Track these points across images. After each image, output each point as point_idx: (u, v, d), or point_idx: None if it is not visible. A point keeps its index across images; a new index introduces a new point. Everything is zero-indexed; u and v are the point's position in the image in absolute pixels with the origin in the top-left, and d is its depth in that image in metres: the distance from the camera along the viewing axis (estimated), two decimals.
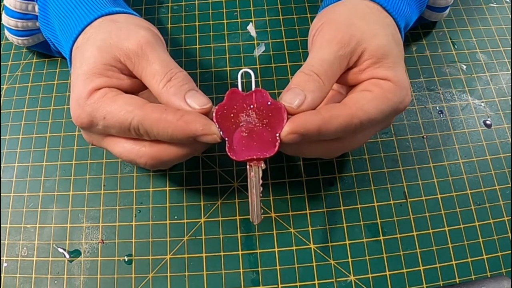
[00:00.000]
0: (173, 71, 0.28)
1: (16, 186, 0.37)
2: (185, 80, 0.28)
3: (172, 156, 0.28)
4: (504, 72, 0.42)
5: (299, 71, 0.28)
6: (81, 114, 0.27)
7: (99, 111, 0.27)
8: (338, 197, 0.36)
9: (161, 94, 0.27)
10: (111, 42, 0.28)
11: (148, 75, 0.28)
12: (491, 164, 0.37)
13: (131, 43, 0.28)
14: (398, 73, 0.28)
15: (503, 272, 0.33)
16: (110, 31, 0.29)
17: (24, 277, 0.34)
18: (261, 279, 0.33)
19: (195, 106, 0.27)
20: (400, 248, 0.34)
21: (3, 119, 0.40)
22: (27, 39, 0.38)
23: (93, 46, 0.28)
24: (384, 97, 0.27)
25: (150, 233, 0.35)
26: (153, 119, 0.26)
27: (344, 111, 0.26)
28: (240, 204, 0.36)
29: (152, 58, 0.28)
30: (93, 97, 0.27)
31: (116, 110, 0.26)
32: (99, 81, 0.27)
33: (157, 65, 0.27)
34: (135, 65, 0.28)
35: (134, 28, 0.29)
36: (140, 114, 0.26)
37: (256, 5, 0.45)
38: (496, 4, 0.46)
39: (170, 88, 0.27)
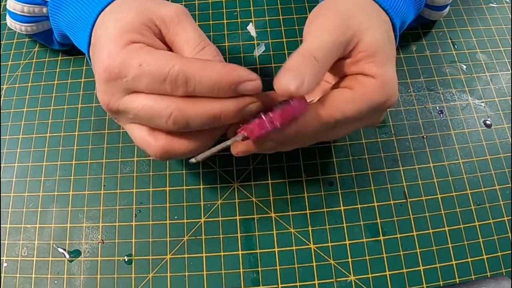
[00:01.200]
0: (207, 41, 0.28)
1: (16, 186, 0.37)
2: (217, 53, 0.28)
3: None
4: (504, 72, 0.42)
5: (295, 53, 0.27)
6: (112, 63, 0.26)
7: (134, 58, 0.25)
8: (338, 197, 0.36)
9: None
10: (148, 6, 0.28)
11: (182, 41, 0.28)
12: (491, 164, 0.37)
13: (168, 10, 0.28)
14: (387, 72, 0.28)
15: (503, 272, 0.33)
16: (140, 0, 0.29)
17: (24, 277, 0.34)
18: (261, 279, 0.33)
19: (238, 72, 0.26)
20: (400, 248, 0.34)
21: (3, 119, 0.40)
22: (31, 25, 0.37)
23: (129, 9, 0.28)
24: (365, 97, 0.27)
25: (150, 233, 0.35)
26: (197, 66, 0.25)
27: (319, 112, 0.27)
28: (240, 204, 0.36)
29: (187, 26, 0.28)
30: (129, 47, 0.26)
31: (155, 58, 0.25)
32: (135, 36, 0.27)
33: (191, 33, 0.28)
34: (170, 30, 0.28)
35: (164, 2, 0.29)
36: (183, 61, 0.25)
37: (256, 5, 0.45)
38: (496, 4, 0.46)
39: (204, 56, 0.27)
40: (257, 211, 0.35)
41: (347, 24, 0.28)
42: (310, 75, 0.26)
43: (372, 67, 0.28)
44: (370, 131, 0.38)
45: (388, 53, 0.29)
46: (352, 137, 0.38)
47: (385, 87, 0.28)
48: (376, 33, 0.28)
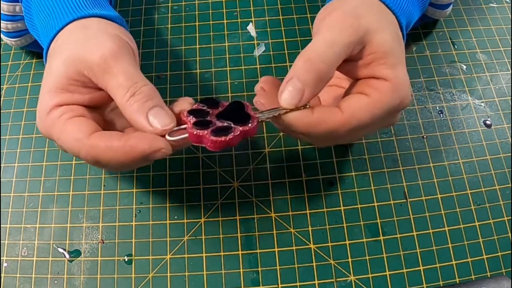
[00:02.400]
0: (138, 85, 0.27)
1: (16, 186, 0.37)
2: (149, 96, 0.27)
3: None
4: (504, 72, 0.42)
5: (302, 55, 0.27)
6: (41, 127, 0.28)
7: (53, 132, 0.27)
8: (338, 197, 0.36)
9: (125, 108, 0.27)
10: (76, 55, 0.27)
11: (112, 88, 0.27)
12: (491, 164, 0.37)
13: (95, 55, 0.27)
14: (399, 73, 0.28)
15: (503, 272, 0.33)
16: (78, 40, 0.28)
17: (24, 277, 0.34)
18: (261, 279, 0.33)
19: (157, 126, 0.26)
20: (400, 248, 0.34)
21: (3, 119, 0.40)
22: (20, 39, 0.38)
23: (59, 58, 0.28)
24: (380, 102, 0.27)
25: (150, 233, 0.35)
26: (100, 149, 0.26)
27: (335, 118, 0.27)
28: (240, 204, 0.36)
29: (116, 70, 0.27)
30: (51, 115, 0.27)
31: (66, 136, 0.26)
32: (60, 97, 0.27)
33: (120, 78, 0.27)
34: (99, 78, 0.27)
35: (102, 38, 0.28)
36: (87, 143, 0.26)
37: (256, 5, 0.45)
38: (496, 4, 0.46)
39: (134, 103, 0.26)
40: (257, 211, 0.35)
41: (358, 24, 0.27)
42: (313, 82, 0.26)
43: (384, 69, 0.27)
44: None
45: (399, 53, 0.28)
46: None
47: (399, 89, 0.27)
48: (385, 33, 0.28)
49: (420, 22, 0.41)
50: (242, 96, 0.40)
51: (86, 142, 0.26)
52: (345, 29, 0.27)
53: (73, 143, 0.26)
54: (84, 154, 0.26)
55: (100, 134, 0.26)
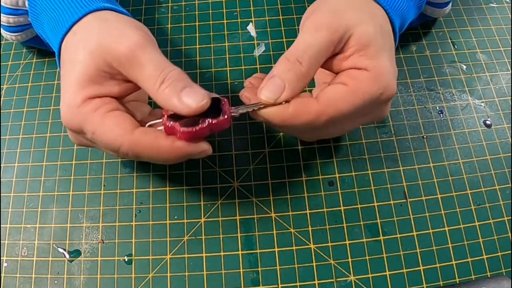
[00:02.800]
0: (166, 71, 0.27)
1: (16, 186, 0.37)
2: (179, 78, 0.27)
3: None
4: (504, 72, 0.42)
5: (283, 56, 0.28)
6: (72, 120, 0.28)
7: (88, 124, 0.27)
8: (338, 197, 0.36)
9: (157, 96, 0.27)
10: (103, 46, 0.27)
11: (142, 79, 0.27)
12: (491, 164, 0.37)
13: (123, 46, 0.27)
14: (380, 63, 0.28)
15: (503, 272, 0.33)
16: (101, 32, 0.28)
17: (24, 277, 0.34)
18: (261, 279, 0.33)
19: (191, 104, 0.26)
20: (400, 248, 0.34)
21: (3, 119, 0.40)
22: (20, 34, 0.38)
23: (85, 50, 0.28)
24: (358, 91, 0.27)
25: (150, 233, 0.35)
26: (144, 146, 0.26)
27: (310, 108, 0.27)
28: (240, 204, 0.36)
29: (144, 61, 0.27)
30: (84, 107, 0.27)
31: (105, 130, 0.27)
32: (91, 90, 0.27)
33: (149, 68, 0.27)
34: (128, 70, 0.27)
35: (125, 29, 0.28)
36: (131, 139, 0.26)
37: (256, 5, 0.45)
38: (496, 4, 0.46)
39: (165, 89, 0.27)
40: (257, 211, 0.35)
41: (338, 22, 0.28)
42: (292, 80, 0.27)
43: (364, 60, 0.28)
44: (370, 131, 0.38)
45: (381, 44, 0.28)
46: (352, 137, 0.38)
47: (379, 79, 0.27)
48: (367, 26, 0.28)
49: (419, 21, 0.41)
50: None
51: (130, 137, 0.26)
52: (323, 30, 0.28)
53: (114, 137, 0.26)
54: (126, 149, 0.26)
55: (145, 131, 0.27)
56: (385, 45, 0.29)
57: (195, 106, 0.26)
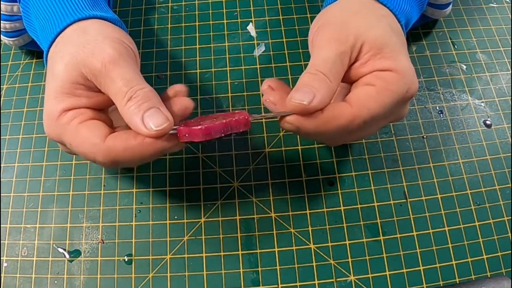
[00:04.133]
0: (134, 88, 0.27)
1: (16, 186, 0.37)
2: (145, 98, 0.27)
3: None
4: (504, 72, 0.42)
5: (304, 72, 0.28)
6: (51, 132, 0.28)
7: (65, 136, 0.27)
8: (338, 197, 0.36)
9: (123, 113, 0.27)
10: (78, 59, 0.28)
11: (111, 94, 0.27)
12: (491, 164, 0.37)
13: (95, 60, 0.27)
14: (400, 62, 0.28)
15: (503, 272, 0.33)
16: (78, 45, 0.28)
17: (24, 277, 0.34)
18: (261, 279, 0.33)
19: (151, 126, 0.26)
20: (400, 248, 0.34)
21: (3, 119, 0.40)
22: (17, 39, 0.38)
23: (61, 62, 0.28)
24: (387, 90, 0.27)
25: (150, 233, 0.35)
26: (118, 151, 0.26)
27: (345, 112, 0.27)
28: (240, 204, 0.36)
29: (114, 76, 0.27)
30: (61, 119, 0.27)
31: (80, 141, 0.27)
32: (67, 102, 0.27)
33: (119, 84, 0.27)
34: (101, 83, 0.28)
35: (102, 42, 0.28)
36: (103, 147, 0.26)
37: (256, 5, 0.45)
38: (496, 4, 0.46)
39: (130, 107, 0.27)
40: (257, 211, 0.35)
41: (346, 33, 0.28)
42: (322, 89, 0.27)
43: (384, 61, 0.28)
44: None
45: (395, 43, 0.28)
46: None
47: (404, 76, 0.27)
48: (377, 30, 0.28)
49: (420, 22, 0.41)
50: (242, 96, 0.40)
51: (103, 146, 0.26)
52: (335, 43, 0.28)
53: (88, 147, 0.27)
54: (101, 157, 0.27)
55: (115, 136, 0.27)
56: (399, 43, 0.29)
57: (154, 130, 0.26)
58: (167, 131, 0.26)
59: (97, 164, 0.28)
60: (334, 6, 0.31)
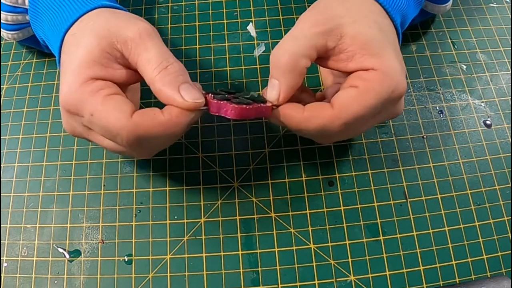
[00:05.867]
0: (170, 60, 0.28)
1: (16, 186, 0.37)
2: (181, 72, 0.28)
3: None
4: (504, 72, 0.42)
5: (271, 53, 0.29)
6: (71, 100, 0.27)
7: (88, 105, 0.26)
8: (338, 197, 0.36)
9: (155, 81, 0.27)
10: (110, 29, 0.28)
11: (143, 61, 0.27)
12: (491, 164, 0.37)
13: (130, 30, 0.28)
14: (385, 61, 0.28)
15: (503, 272, 0.33)
16: (109, 19, 0.29)
17: (24, 277, 0.34)
18: (261, 279, 0.33)
19: (188, 99, 0.27)
20: (400, 248, 0.34)
21: (3, 119, 0.40)
22: (17, 33, 0.38)
23: (91, 32, 0.28)
24: (370, 91, 0.27)
25: (150, 233, 0.35)
26: (146, 126, 0.26)
27: (325, 113, 0.27)
28: (240, 204, 0.36)
29: (149, 45, 0.28)
30: (86, 87, 0.27)
31: (105, 112, 0.26)
32: (94, 70, 0.27)
33: (154, 52, 0.27)
34: (132, 51, 0.28)
35: (133, 19, 0.29)
36: (131, 123, 0.26)
37: (256, 5, 0.45)
38: (496, 4, 0.46)
39: (165, 76, 0.27)
40: (257, 211, 0.35)
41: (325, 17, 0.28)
42: (281, 74, 0.28)
43: (368, 59, 0.28)
44: (370, 131, 0.38)
45: (381, 40, 0.28)
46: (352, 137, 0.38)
47: (388, 76, 0.27)
48: (362, 24, 0.28)
49: (419, 17, 0.41)
50: None
51: (130, 120, 0.26)
52: (309, 23, 0.28)
53: (114, 120, 0.26)
54: (127, 132, 0.26)
55: (142, 112, 0.27)
56: (386, 40, 0.29)
57: (190, 102, 0.27)
58: (201, 105, 0.27)
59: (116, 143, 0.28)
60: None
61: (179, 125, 0.27)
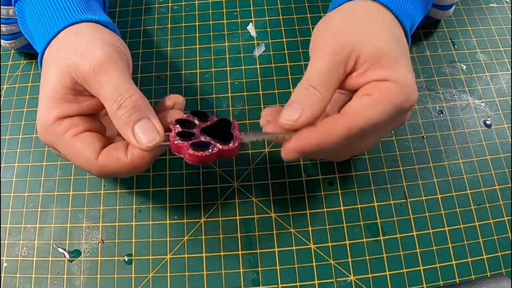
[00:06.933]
0: (123, 96, 0.27)
1: (16, 186, 0.37)
2: (135, 108, 0.27)
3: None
4: (504, 72, 0.42)
5: (298, 85, 0.28)
6: (46, 139, 0.28)
7: (59, 146, 0.28)
8: (338, 197, 0.36)
9: (113, 120, 0.27)
10: (69, 63, 0.27)
11: (102, 98, 0.27)
12: (491, 164, 0.37)
13: (85, 63, 0.27)
14: (399, 72, 0.28)
15: (503, 272, 0.33)
16: (69, 49, 0.28)
17: (24, 277, 0.34)
18: (261, 279, 0.33)
19: (143, 140, 0.26)
20: (400, 248, 0.34)
21: (3, 119, 0.40)
22: (14, 42, 0.39)
23: (54, 66, 0.28)
24: (384, 99, 0.27)
25: (150, 233, 0.35)
26: (110, 168, 0.27)
27: (340, 122, 0.27)
28: (240, 204, 0.36)
29: (103, 81, 0.27)
30: (54, 128, 0.27)
31: (74, 155, 0.27)
32: (60, 109, 0.27)
33: (108, 90, 0.27)
34: (91, 87, 0.28)
35: (92, 45, 0.28)
36: (97, 165, 0.27)
37: (256, 5, 0.45)
38: (496, 4, 0.46)
39: (120, 116, 0.27)
40: (257, 211, 0.35)
41: (342, 43, 0.28)
42: (309, 104, 0.27)
43: (382, 71, 0.27)
44: None
45: (395, 53, 0.28)
46: None
47: (402, 87, 0.27)
48: (376, 40, 0.28)
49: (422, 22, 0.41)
50: (242, 96, 0.40)
51: (96, 162, 0.27)
52: (329, 54, 0.28)
53: (82, 163, 0.27)
54: (96, 173, 0.28)
55: (107, 153, 0.27)
56: (400, 52, 0.29)
57: (145, 145, 0.26)
58: (157, 145, 0.27)
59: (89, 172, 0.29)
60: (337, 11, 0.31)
61: (141, 164, 0.27)
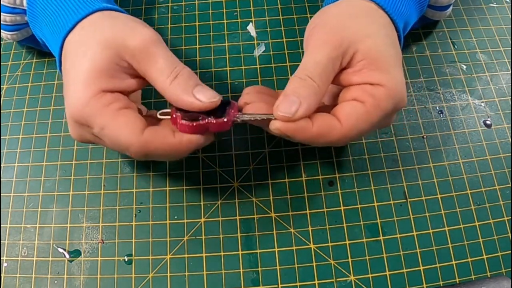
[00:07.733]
0: (178, 68, 0.28)
1: (16, 186, 0.37)
2: (191, 76, 0.28)
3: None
4: (504, 72, 0.42)
5: (293, 75, 0.28)
6: (80, 112, 0.27)
7: (99, 119, 0.27)
8: (338, 197, 0.36)
9: (168, 91, 0.27)
10: (116, 39, 0.28)
11: (154, 73, 0.28)
12: (491, 164, 0.37)
13: (136, 40, 0.28)
14: (394, 77, 0.28)
15: (503, 272, 0.33)
16: (113, 27, 0.28)
17: (24, 277, 0.34)
18: (261, 279, 0.33)
19: (204, 100, 0.27)
20: (400, 248, 0.34)
21: (3, 119, 0.40)
22: (16, 33, 0.37)
23: (97, 42, 0.28)
24: (376, 109, 0.27)
25: (150, 233, 0.35)
26: (155, 145, 0.27)
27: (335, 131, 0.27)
28: (240, 204, 0.36)
29: (157, 56, 0.28)
30: (96, 100, 0.27)
31: (117, 128, 0.27)
32: (104, 82, 0.27)
33: (162, 63, 0.28)
34: (140, 63, 0.28)
35: (137, 26, 0.29)
36: (141, 140, 0.27)
37: (256, 5, 0.45)
38: (496, 4, 0.46)
39: (178, 84, 0.27)
40: (257, 211, 0.35)
41: (341, 37, 0.28)
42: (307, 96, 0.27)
43: (378, 75, 0.27)
44: None
45: (391, 56, 0.28)
46: None
47: (394, 94, 0.28)
48: (374, 40, 0.28)
49: (419, 23, 0.41)
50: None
51: (141, 138, 0.27)
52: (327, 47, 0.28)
53: (125, 136, 0.26)
54: (136, 148, 0.27)
55: (154, 130, 0.27)
56: (395, 56, 0.29)
57: (207, 102, 0.27)
58: (218, 103, 0.28)
59: (121, 151, 0.29)
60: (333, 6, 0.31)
61: (186, 147, 0.28)
